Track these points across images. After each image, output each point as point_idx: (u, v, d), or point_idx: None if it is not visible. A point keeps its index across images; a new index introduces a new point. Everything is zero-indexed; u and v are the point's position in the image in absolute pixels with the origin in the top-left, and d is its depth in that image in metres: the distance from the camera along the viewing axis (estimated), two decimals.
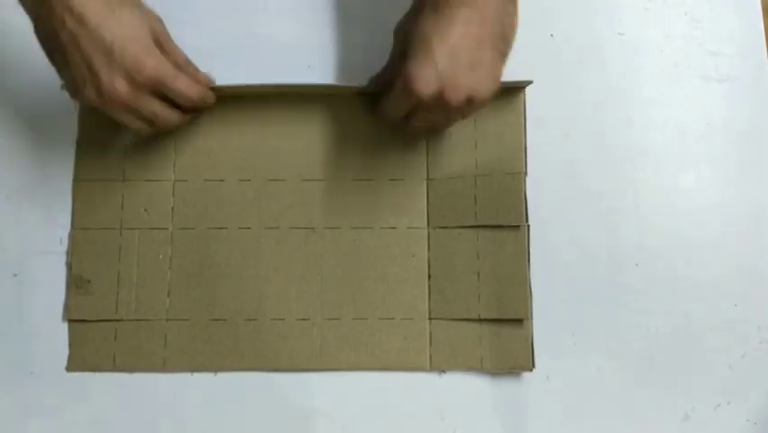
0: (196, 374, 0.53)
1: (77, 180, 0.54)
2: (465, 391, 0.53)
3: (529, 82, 0.54)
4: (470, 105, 0.46)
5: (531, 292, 0.53)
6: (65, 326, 0.53)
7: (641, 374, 0.53)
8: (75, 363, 0.53)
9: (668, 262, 0.55)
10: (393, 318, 0.53)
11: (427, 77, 0.44)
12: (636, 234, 0.55)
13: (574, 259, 0.54)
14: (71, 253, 0.54)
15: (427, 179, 0.55)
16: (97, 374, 0.53)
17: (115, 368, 0.53)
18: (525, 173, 0.54)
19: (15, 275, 0.54)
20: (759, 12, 0.58)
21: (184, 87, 0.48)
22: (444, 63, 0.44)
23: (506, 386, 0.53)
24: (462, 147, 0.55)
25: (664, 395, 0.53)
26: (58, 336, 0.53)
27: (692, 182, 0.56)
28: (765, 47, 0.57)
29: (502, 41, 0.46)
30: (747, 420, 0.53)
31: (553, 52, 0.57)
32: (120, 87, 0.45)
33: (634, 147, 0.56)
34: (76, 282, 0.53)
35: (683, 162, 0.56)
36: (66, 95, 0.48)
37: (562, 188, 0.55)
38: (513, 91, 0.54)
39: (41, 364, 0.53)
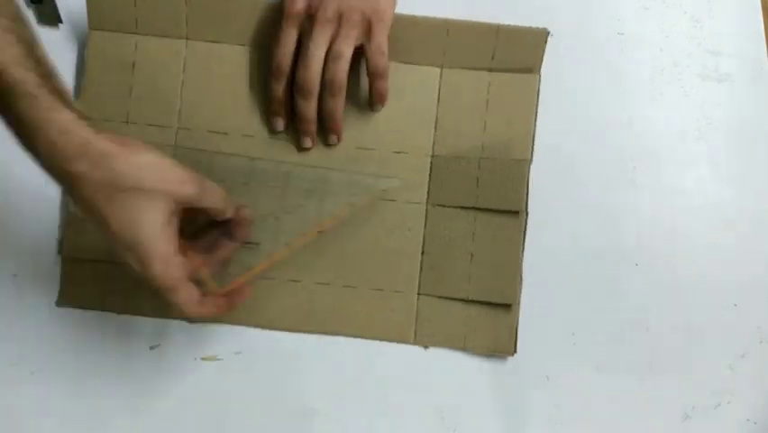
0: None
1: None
2: (465, 390, 0.53)
3: (545, 31, 0.54)
4: (342, 23, 0.49)
5: (522, 280, 0.53)
6: (66, 326, 0.53)
7: (641, 374, 0.53)
8: (64, 299, 0.53)
9: (668, 262, 0.55)
10: (382, 290, 0.53)
11: None
12: (636, 233, 0.55)
13: (574, 259, 0.54)
14: None
15: (432, 155, 0.54)
16: (99, 375, 0.53)
17: (103, 308, 0.53)
18: (531, 161, 0.54)
19: (15, 276, 0.54)
20: (759, 11, 0.57)
21: (181, 299, 0.42)
22: None
23: (506, 386, 0.53)
24: (471, 127, 0.54)
25: (664, 395, 0.53)
26: (58, 336, 0.53)
27: (692, 182, 0.56)
28: (765, 46, 0.57)
29: None
30: (747, 420, 0.53)
31: (552, 52, 0.57)
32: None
33: (633, 147, 0.56)
34: (71, 220, 0.53)
35: (683, 162, 0.56)
36: None
37: (562, 187, 0.55)
38: (527, 75, 0.54)
39: (42, 365, 0.53)
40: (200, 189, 0.42)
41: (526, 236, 0.53)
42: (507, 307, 0.53)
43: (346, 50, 0.50)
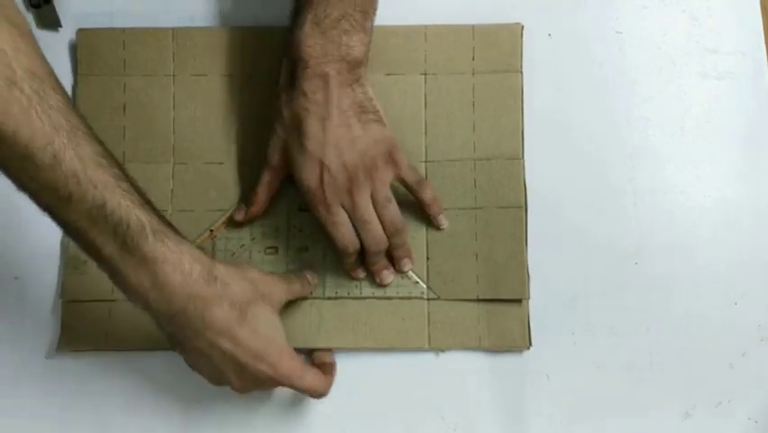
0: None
1: None
2: (465, 390, 0.53)
3: (519, 26, 0.55)
4: (373, 177, 0.50)
5: (529, 273, 0.53)
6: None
7: (641, 374, 0.53)
8: (65, 344, 0.53)
9: (668, 261, 0.54)
10: (392, 299, 0.53)
11: (312, 175, 0.49)
12: (636, 232, 0.55)
13: (574, 258, 0.54)
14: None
15: (425, 161, 0.55)
16: (100, 376, 0.53)
17: (107, 346, 0.53)
18: (523, 157, 0.54)
19: (17, 278, 0.54)
20: (757, 9, 0.57)
21: (308, 383, 0.48)
22: (331, 163, 0.48)
23: (506, 385, 0.53)
24: (461, 130, 0.55)
25: (665, 394, 0.53)
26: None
27: (691, 180, 0.56)
28: (764, 44, 0.57)
29: (363, 112, 0.49)
30: (748, 419, 0.53)
31: (551, 52, 0.57)
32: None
33: (632, 145, 0.56)
34: (72, 263, 0.53)
35: (682, 160, 0.56)
36: None
37: (561, 187, 0.55)
38: (510, 74, 0.55)
39: (43, 367, 0.53)
40: (289, 289, 0.50)
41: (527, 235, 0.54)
42: (518, 302, 0.53)
43: (388, 193, 0.51)
